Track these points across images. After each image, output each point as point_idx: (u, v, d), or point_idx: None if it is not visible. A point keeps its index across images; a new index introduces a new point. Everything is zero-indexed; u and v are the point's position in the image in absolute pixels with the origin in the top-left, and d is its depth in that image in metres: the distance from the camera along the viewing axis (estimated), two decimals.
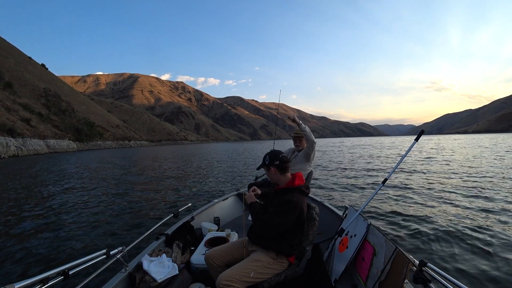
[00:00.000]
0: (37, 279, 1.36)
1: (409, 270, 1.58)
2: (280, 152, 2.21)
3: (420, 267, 1.54)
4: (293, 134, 4.01)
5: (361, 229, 2.27)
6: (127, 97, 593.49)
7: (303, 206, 2.05)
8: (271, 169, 2.16)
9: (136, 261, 2.30)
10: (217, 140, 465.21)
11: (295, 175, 2.19)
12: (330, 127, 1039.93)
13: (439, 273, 1.43)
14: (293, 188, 2.09)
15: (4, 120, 59.81)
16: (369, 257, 2.05)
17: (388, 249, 1.85)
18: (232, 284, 1.78)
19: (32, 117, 76.62)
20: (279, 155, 2.16)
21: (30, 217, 6.55)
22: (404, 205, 6.97)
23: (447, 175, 11.92)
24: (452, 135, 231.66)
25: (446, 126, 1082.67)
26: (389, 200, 7.51)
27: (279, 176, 2.16)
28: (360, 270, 2.14)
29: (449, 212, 6.29)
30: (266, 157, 2.20)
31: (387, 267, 1.78)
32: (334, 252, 2.51)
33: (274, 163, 2.14)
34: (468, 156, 20.60)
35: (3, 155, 46.35)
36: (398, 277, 1.65)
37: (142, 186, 10.58)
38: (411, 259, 1.61)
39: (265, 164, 2.19)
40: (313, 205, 2.30)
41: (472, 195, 7.95)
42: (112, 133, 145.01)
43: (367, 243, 2.16)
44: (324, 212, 3.73)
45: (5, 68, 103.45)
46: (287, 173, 2.19)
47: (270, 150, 2.32)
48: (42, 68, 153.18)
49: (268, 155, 2.19)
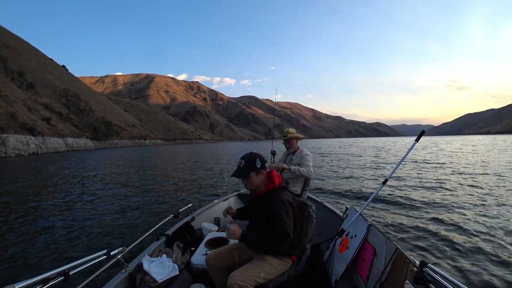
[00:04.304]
0: (37, 280, 1.36)
1: (409, 270, 1.58)
2: (256, 153, 2.04)
3: (421, 267, 1.54)
4: (280, 138, 3.90)
5: (362, 229, 2.26)
6: (144, 97, 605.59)
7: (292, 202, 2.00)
8: (262, 173, 1.98)
9: (136, 262, 2.31)
10: (231, 139, 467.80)
11: (270, 173, 2.03)
12: (345, 127, 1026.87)
13: (439, 274, 1.43)
14: (277, 189, 1.97)
15: (26, 119, 62.19)
16: (370, 257, 2.04)
17: (389, 249, 1.84)
18: (245, 285, 1.78)
19: (52, 116, 79.36)
20: (259, 155, 1.99)
21: (30, 216, 6.58)
22: (405, 206, 7.02)
23: (448, 175, 12.00)
24: (474, 136, 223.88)
25: (467, 126, 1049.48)
26: (389, 201, 7.54)
27: (264, 180, 2.01)
28: (360, 271, 2.13)
29: (450, 213, 6.34)
30: (255, 160, 1.95)
31: (388, 267, 1.78)
32: (334, 253, 2.50)
33: (264, 166, 1.97)
34: (472, 157, 20.31)
35: (23, 153, 48.24)
36: (398, 278, 1.65)
37: (144, 186, 10.61)
38: (412, 260, 1.61)
39: (256, 168, 1.93)
40: (309, 203, 2.27)
41: (474, 196, 7.99)
42: (129, 132, 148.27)
43: (367, 243, 2.15)
44: (324, 212, 3.72)
45: (28, 70, 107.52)
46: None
47: (247, 153, 2.06)
48: (62, 69, 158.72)
49: (255, 157, 1.96)
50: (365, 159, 21.88)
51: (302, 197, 3.58)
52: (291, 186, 3.52)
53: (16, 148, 47.60)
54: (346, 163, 18.87)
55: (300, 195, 3.60)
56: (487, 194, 8.08)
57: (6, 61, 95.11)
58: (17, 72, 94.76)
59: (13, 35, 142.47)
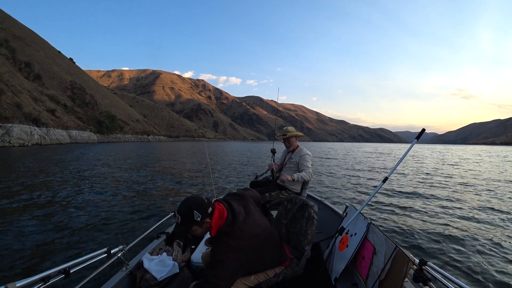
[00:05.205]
0: (38, 278, 1.36)
1: (409, 269, 1.58)
2: (198, 195, 1.71)
3: (420, 266, 1.53)
4: (280, 137, 3.88)
5: (362, 227, 2.25)
6: (149, 93, 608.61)
7: (250, 230, 1.72)
8: (206, 221, 1.64)
9: (136, 260, 2.32)
10: (234, 138, 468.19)
11: (217, 209, 1.71)
12: (349, 131, 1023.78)
13: (439, 272, 1.44)
14: (221, 233, 1.68)
15: (31, 110, 62.83)
16: (369, 256, 2.04)
17: (388, 248, 1.84)
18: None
19: (57, 108, 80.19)
20: (198, 202, 1.63)
21: (29, 215, 6.47)
22: (405, 204, 7.06)
23: (448, 176, 12.19)
24: (478, 146, 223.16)
25: (472, 135, 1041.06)
26: (389, 199, 7.59)
27: (213, 221, 1.69)
28: (360, 269, 2.13)
29: (450, 212, 6.41)
30: (192, 214, 1.58)
31: (387, 266, 1.78)
32: (334, 251, 2.50)
33: (207, 211, 1.63)
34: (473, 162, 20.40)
35: (26, 143, 48.64)
36: (398, 276, 1.65)
37: (144, 184, 10.53)
38: (411, 258, 1.60)
39: (196, 221, 1.59)
40: (311, 204, 2.24)
41: (474, 195, 8.12)
42: (132, 127, 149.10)
43: (367, 242, 2.14)
44: (324, 211, 3.71)
45: (35, 61, 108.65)
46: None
47: (184, 200, 1.67)
48: (70, 62, 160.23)
49: (192, 210, 1.59)
50: (365, 159, 21.91)
51: (302, 196, 3.57)
52: (291, 185, 3.52)
53: (20, 138, 48.06)
54: (347, 163, 18.89)
55: (300, 194, 3.59)
56: (487, 195, 8.20)
57: (15, 52, 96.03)
58: (25, 63, 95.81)
59: (23, 26, 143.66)
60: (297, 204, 2.35)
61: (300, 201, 2.34)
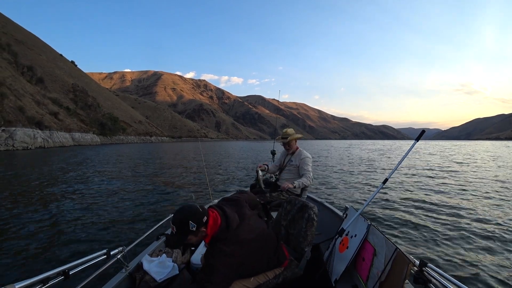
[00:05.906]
0: (37, 279, 1.36)
1: (409, 270, 1.59)
2: (193, 204, 1.69)
3: (421, 267, 1.54)
4: (278, 140, 3.84)
5: (362, 229, 2.23)
6: (151, 94, 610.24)
7: (245, 234, 1.72)
8: (201, 230, 1.62)
9: (136, 261, 2.31)
10: (237, 138, 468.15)
11: (211, 216, 1.69)
12: (352, 128, 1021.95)
13: (439, 274, 1.44)
14: (216, 238, 1.68)
15: (34, 114, 63.19)
16: (370, 257, 2.03)
17: (389, 249, 1.84)
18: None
19: (60, 111, 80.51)
20: (193, 211, 1.61)
21: (30, 215, 6.50)
22: (405, 205, 7.04)
23: (448, 176, 12.07)
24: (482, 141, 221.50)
25: (476, 131, 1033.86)
26: (389, 200, 7.55)
27: (209, 228, 1.67)
28: (360, 271, 2.12)
29: (450, 213, 6.38)
30: (187, 225, 1.56)
31: (388, 267, 1.78)
32: (334, 252, 2.48)
33: (202, 220, 1.61)
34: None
35: (29, 146, 48.96)
36: (398, 278, 1.65)
37: (144, 186, 10.52)
38: (412, 260, 1.60)
39: (192, 231, 1.58)
40: (311, 205, 2.23)
41: (474, 196, 8.06)
42: (135, 129, 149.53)
43: (367, 243, 2.13)
44: (324, 212, 3.69)
45: (38, 64, 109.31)
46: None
47: (179, 209, 1.64)
48: (71, 65, 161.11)
49: (187, 219, 1.56)
50: (365, 160, 21.89)
51: (302, 197, 3.55)
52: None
53: (23, 141, 48.34)
54: (346, 162, 18.88)
55: (300, 195, 3.58)
56: (487, 195, 8.13)
57: (17, 56, 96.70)
58: (27, 67, 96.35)
59: (24, 31, 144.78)
60: (297, 205, 2.34)
61: (299, 203, 2.33)
